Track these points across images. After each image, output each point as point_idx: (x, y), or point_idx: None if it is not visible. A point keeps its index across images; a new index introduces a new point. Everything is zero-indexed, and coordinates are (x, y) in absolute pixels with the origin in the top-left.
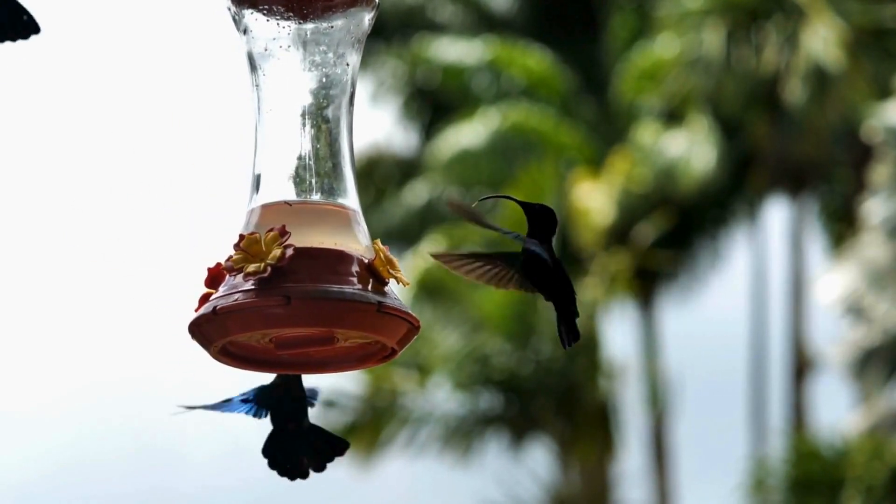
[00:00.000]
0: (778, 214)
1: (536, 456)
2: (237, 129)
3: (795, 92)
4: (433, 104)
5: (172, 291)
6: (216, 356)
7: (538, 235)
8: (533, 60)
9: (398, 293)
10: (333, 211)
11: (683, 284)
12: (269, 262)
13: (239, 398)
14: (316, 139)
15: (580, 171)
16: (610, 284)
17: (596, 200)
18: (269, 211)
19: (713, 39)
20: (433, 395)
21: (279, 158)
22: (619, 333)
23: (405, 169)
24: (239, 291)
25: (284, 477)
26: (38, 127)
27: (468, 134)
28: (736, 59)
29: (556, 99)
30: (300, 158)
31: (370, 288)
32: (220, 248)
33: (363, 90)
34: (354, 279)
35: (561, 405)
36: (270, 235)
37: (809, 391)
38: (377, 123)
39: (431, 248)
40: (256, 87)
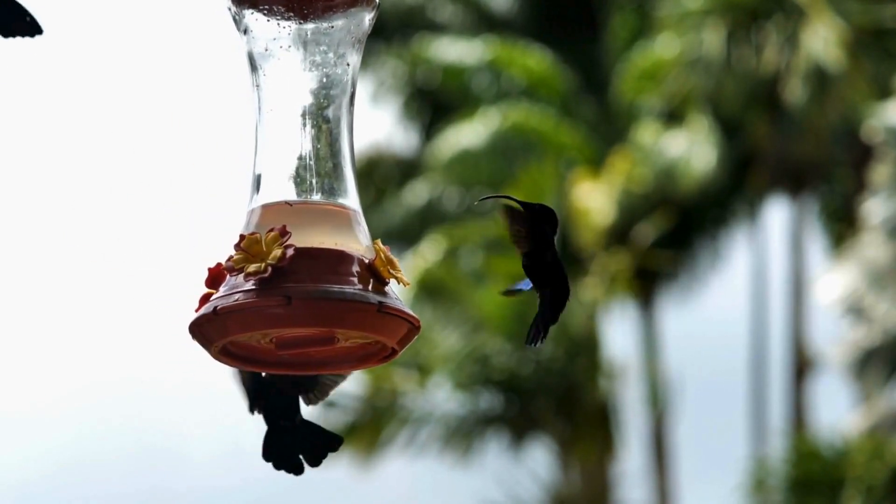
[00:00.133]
0: (778, 214)
1: (536, 456)
2: (237, 129)
3: (795, 92)
4: (433, 104)
5: (172, 291)
6: (216, 356)
7: (539, 236)
8: (533, 60)
9: (398, 293)
10: (334, 211)
11: (683, 284)
12: (269, 262)
13: None
14: (316, 139)
15: (580, 171)
16: (610, 284)
17: (596, 200)
18: (269, 211)
19: (713, 39)
20: (433, 395)
21: (280, 158)
22: (619, 333)
23: (405, 169)
24: (239, 291)
25: (281, 471)
26: (38, 127)
27: (468, 134)
28: (736, 59)
29: (556, 99)
30: (301, 158)
31: (371, 288)
32: (220, 248)
33: (363, 90)
34: (355, 279)
35: (561, 405)
36: (271, 235)
37: (809, 391)
38: (377, 123)
39: (431, 248)
40: (257, 87)
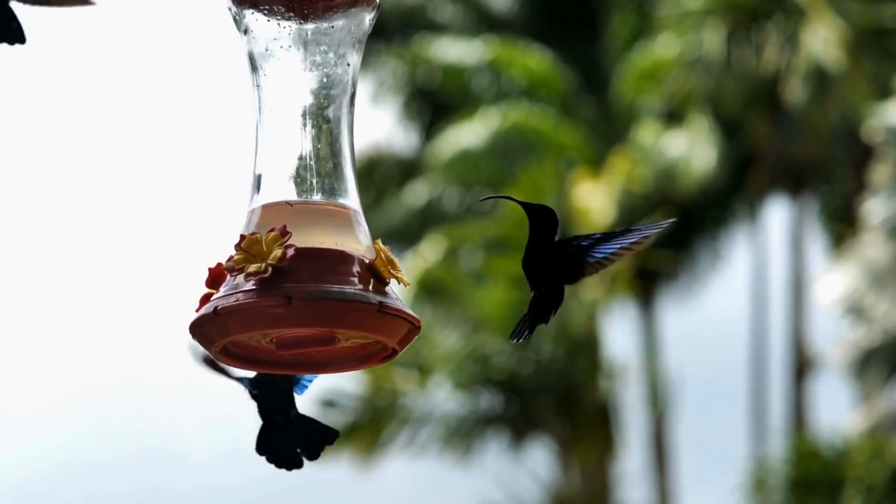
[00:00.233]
0: (778, 214)
1: (536, 456)
2: (238, 129)
3: (795, 92)
4: (433, 104)
5: (172, 291)
6: (217, 356)
7: (539, 236)
8: (533, 60)
9: (399, 293)
10: (334, 211)
11: (683, 284)
12: (270, 262)
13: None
14: (317, 139)
15: (580, 171)
16: (610, 284)
17: (596, 200)
18: (270, 211)
19: (713, 39)
20: (433, 395)
21: (280, 158)
22: (619, 333)
23: (405, 169)
24: (240, 292)
25: (281, 468)
26: (38, 127)
27: (468, 134)
28: (736, 59)
29: (556, 99)
30: (301, 158)
31: (371, 288)
32: (220, 248)
33: (363, 90)
34: (355, 279)
35: (561, 405)
36: (271, 235)
37: (809, 391)
38: (377, 123)
39: (431, 248)
40: (257, 87)
